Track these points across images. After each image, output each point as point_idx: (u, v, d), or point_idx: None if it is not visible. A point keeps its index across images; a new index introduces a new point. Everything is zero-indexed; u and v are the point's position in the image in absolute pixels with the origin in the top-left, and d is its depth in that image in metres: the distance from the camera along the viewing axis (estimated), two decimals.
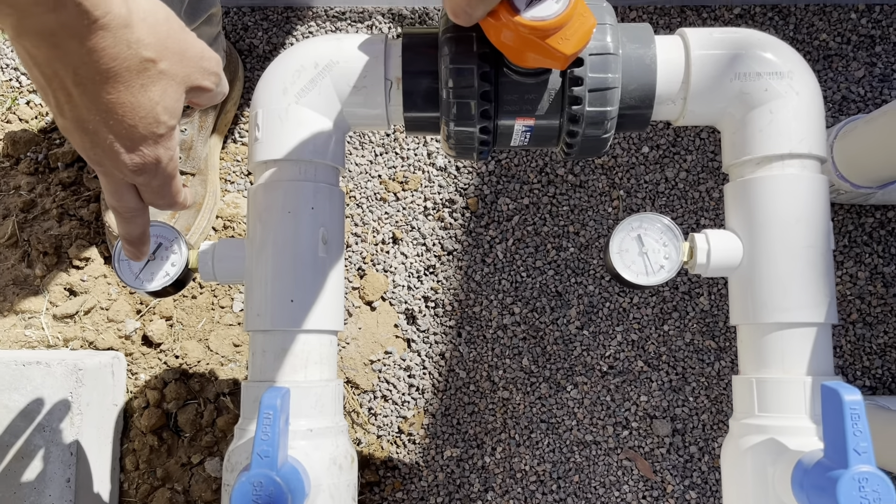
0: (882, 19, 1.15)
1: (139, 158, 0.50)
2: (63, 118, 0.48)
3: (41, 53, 0.44)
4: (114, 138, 0.48)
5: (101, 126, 0.48)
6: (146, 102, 0.48)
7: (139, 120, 0.48)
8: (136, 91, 0.47)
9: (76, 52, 0.44)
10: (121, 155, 0.49)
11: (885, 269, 1.08)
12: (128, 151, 0.49)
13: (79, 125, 0.48)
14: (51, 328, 1.02)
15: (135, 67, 0.46)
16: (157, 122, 0.49)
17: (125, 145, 0.49)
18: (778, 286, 0.61)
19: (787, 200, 0.61)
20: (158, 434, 1.00)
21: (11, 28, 0.43)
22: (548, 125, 0.64)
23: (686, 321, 1.08)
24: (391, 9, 1.17)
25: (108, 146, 0.49)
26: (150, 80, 0.47)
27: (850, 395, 0.52)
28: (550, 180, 1.11)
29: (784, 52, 0.64)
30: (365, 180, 1.12)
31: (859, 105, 1.13)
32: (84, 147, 0.50)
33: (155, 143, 0.50)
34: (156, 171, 0.52)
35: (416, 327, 1.08)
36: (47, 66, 0.45)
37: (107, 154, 0.50)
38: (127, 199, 0.54)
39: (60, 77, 0.45)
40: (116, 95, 0.46)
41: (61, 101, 0.47)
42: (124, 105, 0.47)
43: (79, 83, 0.45)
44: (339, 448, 0.61)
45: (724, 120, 0.65)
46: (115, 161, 0.50)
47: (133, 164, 0.50)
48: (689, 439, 1.06)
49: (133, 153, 0.50)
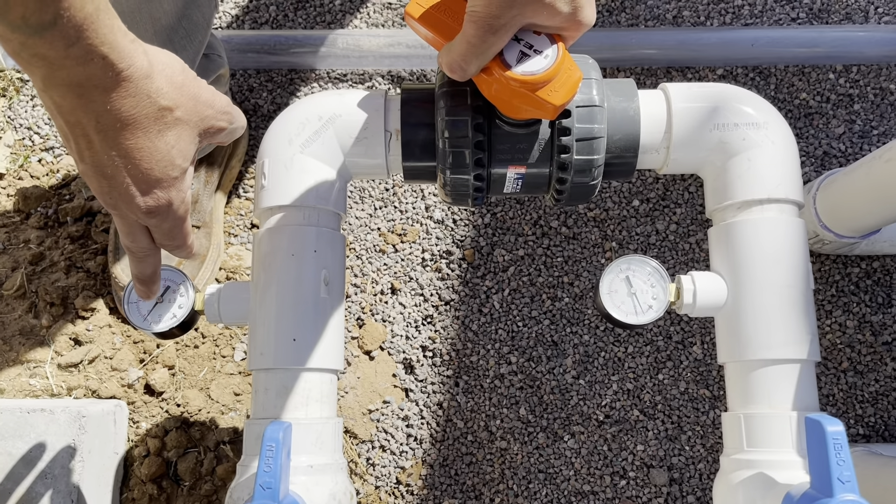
0: (859, 79, 1.20)
1: (153, 201, 0.53)
2: (83, 163, 0.52)
3: (66, 103, 0.48)
4: (130, 181, 0.52)
5: (118, 170, 0.51)
6: (162, 147, 0.51)
7: (155, 164, 0.51)
8: (154, 136, 0.50)
9: (100, 102, 0.47)
10: (136, 198, 0.53)
11: (872, 317, 1.11)
12: (142, 194, 0.53)
13: (98, 170, 0.51)
14: (55, 377, 1.04)
15: (153, 115, 0.50)
16: (171, 165, 0.52)
17: (140, 188, 0.52)
18: (761, 324, 0.63)
19: (767, 242, 0.65)
20: (158, 483, 1.01)
21: (41, 80, 0.47)
22: (538, 173, 0.67)
23: (680, 370, 1.10)
24: (390, 71, 1.23)
25: (124, 189, 0.52)
26: (166, 126, 0.51)
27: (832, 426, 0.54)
28: (545, 232, 1.15)
29: (759, 104, 0.68)
30: (364, 233, 1.15)
31: (840, 160, 1.17)
32: (101, 191, 0.53)
33: (168, 186, 0.53)
34: (167, 213, 0.55)
35: (414, 377, 1.10)
36: (71, 114, 0.48)
37: (122, 197, 0.53)
38: (140, 239, 0.57)
39: (83, 125, 0.49)
40: (135, 141, 0.50)
41: (82, 147, 0.50)
42: (142, 150, 0.50)
43: (100, 130, 0.49)
44: (338, 485, 0.63)
45: (705, 168, 0.69)
46: (130, 203, 0.53)
47: (146, 206, 0.53)
48: (686, 489, 1.06)
49: (147, 196, 0.53)
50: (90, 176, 0.52)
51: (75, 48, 0.44)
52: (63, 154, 1.18)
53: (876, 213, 0.93)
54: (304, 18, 1.26)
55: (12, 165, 1.17)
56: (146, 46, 0.50)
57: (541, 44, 0.58)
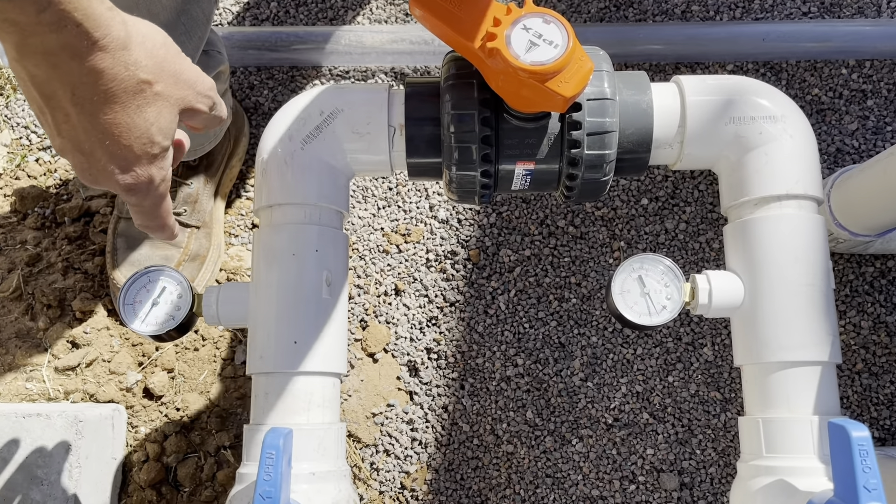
0: (873, 74, 1.18)
1: (132, 179, 0.51)
2: (60, 138, 0.49)
3: (41, 73, 0.46)
4: (108, 158, 0.50)
5: (96, 146, 0.49)
6: (141, 123, 0.49)
7: (134, 140, 0.49)
8: (132, 112, 0.48)
9: (75, 72, 0.45)
10: (115, 174, 0.51)
11: (888, 318, 1.08)
12: (122, 171, 0.51)
13: (75, 145, 0.49)
14: (52, 381, 1.02)
15: (131, 89, 0.48)
16: (151, 142, 0.50)
17: (120, 165, 0.50)
18: (780, 325, 0.61)
19: (786, 240, 0.62)
20: (157, 489, 0.99)
21: (14, 48, 0.45)
22: (548, 169, 0.65)
23: (690, 372, 1.07)
24: (393, 68, 1.20)
25: (102, 166, 0.50)
26: (145, 101, 0.49)
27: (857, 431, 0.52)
28: (551, 232, 1.12)
29: (776, 97, 0.66)
30: (368, 233, 1.13)
31: (854, 157, 1.14)
32: (80, 167, 0.51)
33: (149, 164, 0.51)
34: (147, 192, 0.53)
35: (418, 379, 1.08)
36: (47, 85, 0.46)
37: (101, 173, 0.51)
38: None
39: (58, 97, 0.47)
40: (113, 116, 0.48)
41: (59, 120, 0.48)
42: (120, 125, 0.48)
43: (77, 103, 0.47)
44: (341, 492, 0.61)
45: (720, 163, 0.67)
46: (110, 180, 0.51)
47: (125, 184, 0.51)
48: (697, 493, 1.04)
49: (127, 173, 0.51)
50: (67, 151, 0.50)
51: (47, 13, 0.42)
52: None
53: (893, 211, 0.91)
54: (306, 14, 1.24)
55: (9, 165, 1.15)
56: (125, 16, 0.48)
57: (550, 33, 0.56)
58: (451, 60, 0.64)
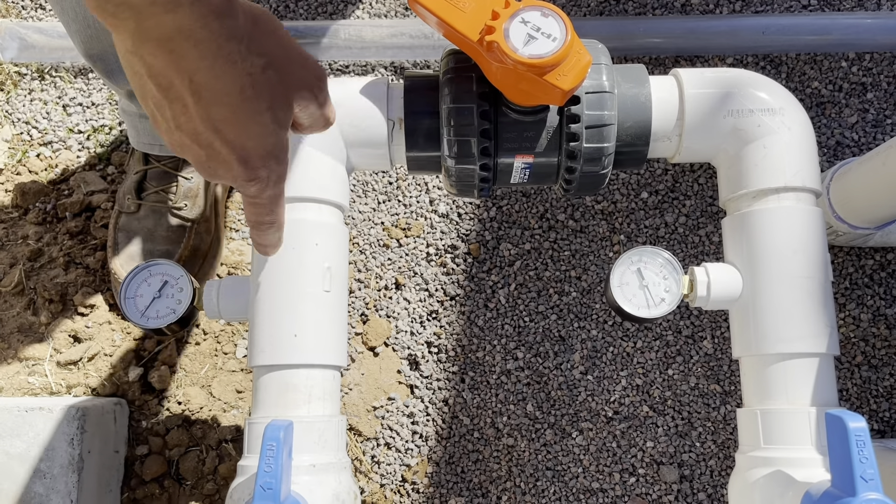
0: (872, 67, 1.18)
1: (252, 169, 0.49)
2: (179, 131, 0.47)
3: (158, 62, 0.43)
4: (228, 149, 0.47)
5: (214, 137, 0.46)
6: (260, 109, 0.46)
7: (253, 127, 0.47)
8: (251, 97, 0.46)
9: (191, 58, 0.43)
10: (235, 165, 0.48)
11: (887, 310, 1.08)
12: (242, 162, 0.48)
13: (194, 138, 0.47)
14: (54, 375, 1.02)
15: (247, 71, 0.45)
16: (267, 129, 0.47)
17: (240, 155, 0.48)
18: (779, 317, 0.61)
19: (784, 232, 0.62)
20: (160, 482, 0.99)
21: (131, 36, 0.42)
22: (546, 162, 0.65)
23: (690, 365, 1.07)
24: (393, 62, 1.21)
25: (222, 158, 0.48)
26: (261, 85, 0.46)
27: (854, 422, 0.52)
28: (551, 226, 1.13)
29: (774, 89, 0.66)
30: (368, 227, 1.13)
31: (853, 150, 1.15)
32: (199, 161, 0.48)
33: (267, 154, 0.48)
34: (268, 182, 0.50)
35: (419, 373, 1.08)
36: (163, 76, 0.44)
37: (221, 165, 0.48)
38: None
39: (176, 87, 0.44)
40: (229, 102, 0.45)
41: (177, 113, 0.46)
42: (237, 113, 0.46)
43: (194, 91, 0.44)
44: (342, 484, 0.61)
45: (719, 156, 0.67)
46: (230, 172, 0.49)
47: (246, 174, 0.49)
48: (697, 486, 1.04)
49: (247, 163, 0.48)
50: (186, 146, 0.48)
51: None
52: (62, 148, 1.16)
53: (892, 204, 0.91)
54: (306, 9, 1.24)
55: (10, 160, 1.15)
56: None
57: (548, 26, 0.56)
58: (449, 54, 0.65)
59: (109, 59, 0.83)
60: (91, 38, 0.80)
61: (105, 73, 0.85)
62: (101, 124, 1.17)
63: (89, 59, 0.83)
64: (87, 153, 1.16)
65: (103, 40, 0.80)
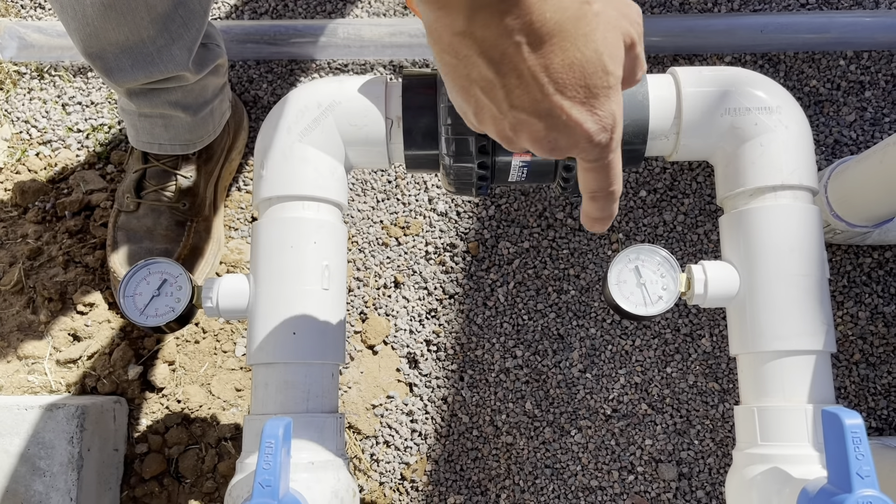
0: (870, 65, 1.18)
1: (598, 123, 0.43)
2: (513, 111, 0.42)
3: (490, 33, 0.39)
4: (569, 109, 0.42)
5: (554, 100, 0.41)
6: (592, 54, 0.41)
7: (590, 76, 0.41)
8: (581, 44, 0.41)
9: (519, 15, 0.39)
10: (580, 125, 0.42)
11: (885, 308, 1.08)
12: (586, 120, 0.42)
13: (532, 109, 0.42)
14: (53, 373, 1.02)
15: (574, 15, 0.40)
16: (605, 72, 0.42)
17: (581, 113, 0.42)
18: (775, 315, 0.61)
19: (781, 230, 0.63)
20: (159, 480, 0.99)
21: (465, 11, 0.39)
22: (544, 161, 0.65)
23: (689, 363, 1.08)
24: (392, 61, 1.21)
25: (563, 122, 0.42)
26: (589, 27, 0.41)
27: (850, 418, 0.52)
28: (550, 224, 1.13)
29: (772, 88, 0.66)
30: (367, 226, 1.13)
31: (852, 148, 1.15)
32: (538, 136, 0.43)
33: (607, 98, 0.42)
34: (612, 137, 0.44)
35: (418, 371, 1.08)
36: (495, 48, 0.40)
37: (564, 131, 0.43)
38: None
39: (510, 56, 0.40)
40: (563, 56, 0.40)
41: (511, 86, 0.41)
42: (574, 64, 0.41)
43: (527, 55, 0.40)
44: (340, 481, 0.61)
45: (716, 154, 0.67)
46: (574, 135, 0.43)
47: (594, 131, 0.43)
48: (695, 483, 1.04)
49: (592, 120, 0.42)
50: (521, 123, 0.43)
51: None
52: (61, 147, 1.16)
53: (890, 202, 0.91)
54: (304, 8, 1.24)
55: (9, 159, 1.15)
56: None
57: None
58: None
59: (108, 58, 0.83)
60: (90, 35, 0.80)
61: (104, 71, 0.85)
62: (100, 123, 1.18)
63: (88, 57, 0.83)
64: (87, 152, 1.16)
65: (102, 38, 0.80)
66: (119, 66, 0.84)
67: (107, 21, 0.78)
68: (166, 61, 0.85)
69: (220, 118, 1.04)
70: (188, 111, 0.95)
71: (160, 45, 0.83)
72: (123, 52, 0.83)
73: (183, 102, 0.94)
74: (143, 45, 0.82)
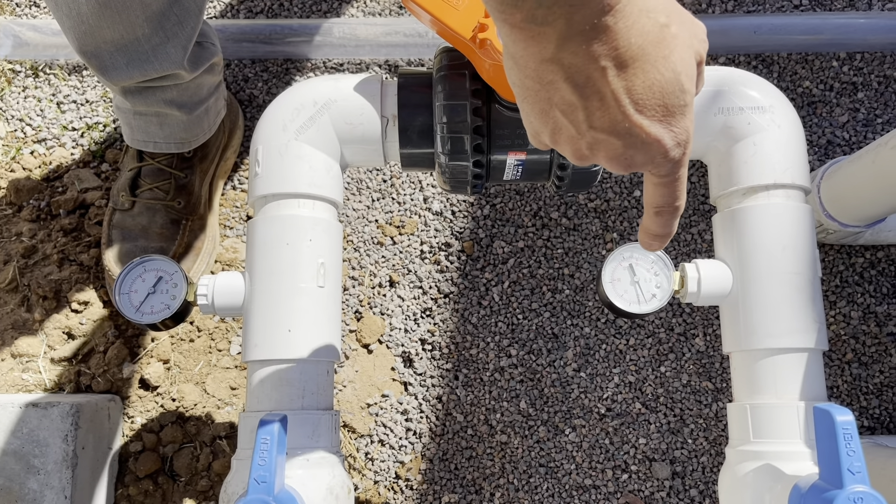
0: (863, 66, 1.18)
1: (676, 140, 0.44)
2: (592, 131, 0.43)
3: (578, 60, 0.40)
4: (648, 128, 0.43)
5: (633, 120, 0.42)
6: (671, 75, 0.42)
7: (667, 95, 0.42)
8: (661, 66, 0.42)
9: (605, 40, 0.40)
10: (659, 142, 0.43)
11: (877, 308, 1.09)
12: (664, 138, 0.43)
13: (612, 129, 0.43)
14: (48, 371, 1.02)
15: (655, 39, 0.41)
16: (682, 91, 0.43)
17: (660, 131, 0.43)
18: (768, 313, 0.62)
19: (774, 229, 0.63)
20: (154, 478, 0.99)
21: (556, 39, 0.40)
22: (539, 159, 0.66)
23: (682, 362, 1.08)
24: (387, 60, 1.21)
25: (642, 140, 0.43)
26: (668, 48, 0.42)
27: (842, 415, 0.53)
28: (545, 224, 1.13)
29: (764, 87, 0.66)
30: (362, 225, 1.14)
31: (844, 149, 1.15)
32: (615, 154, 0.44)
33: (683, 115, 0.44)
34: (685, 153, 0.45)
35: (412, 370, 1.08)
36: (581, 72, 0.41)
37: (641, 148, 0.44)
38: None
39: (595, 80, 0.41)
40: (644, 77, 0.41)
41: (593, 109, 0.42)
42: (653, 86, 0.42)
43: (614, 76, 0.41)
44: (335, 478, 0.61)
45: (709, 153, 0.68)
46: (651, 151, 0.44)
47: (671, 147, 0.44)
48: (689, 482, 1.05)
49: (670, 137, 0.44)
50: (599, 143, 0.44)
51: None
52: (56, 146, 1.16)
53: (882, 202, 0.92)
54: (300, 7, 1.24)
55: (4, 157, 1.15)
56: None
57: None
58: (443, 52, 0.65)
59: (103, 56, 0.83)
60: (85, 34, 0.80)
61: (99, 69, 0.85)
62: (95, 121, 1.18)
63: (83, 55, 0.83)
64: (82, 150, 1.16)
65: (97, 36, 0.80)
66: (114, 64, 0.84)
67: (102, 19, 0.78)
68: (161, 59, 0.85)
69: (216, 117, 1.04)
70: (183, 109, 0.95)
71: (155, 43, 0.83)
72: (118, 50, 0.83)
73: (178, 101, 0.94)
74: (137, 43, 0.83)
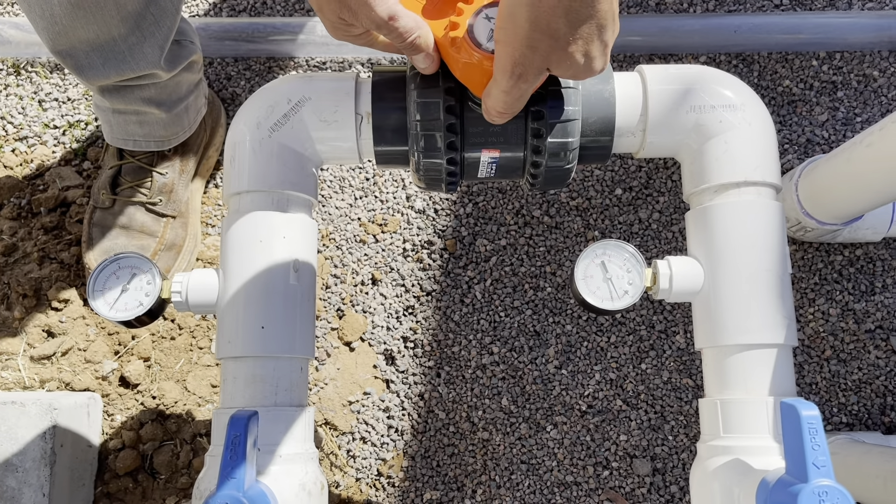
0: (843, 66, 1.19)
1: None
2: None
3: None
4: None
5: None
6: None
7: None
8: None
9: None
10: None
11: (855, 305, 1.10)
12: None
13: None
14: (27, 369, 1.02)
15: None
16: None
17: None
18: (738, 309, 0.62)
19: (744, 226, 0.64)
20: (134, 476, 0.99)
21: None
22: (512, 157, 0.66)
23: (663, 359, 1.09)
24: (370, 59, 1.21)
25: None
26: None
27: (807, 410, 0.53)
28: (527, 222, 1.14)
29: (736, 86, 0.67)
30: (345, 223, 1.14)
31: (824, 147, 1.16)
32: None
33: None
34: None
35: (395, 368, 1.09)
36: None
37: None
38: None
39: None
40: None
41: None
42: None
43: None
44: (308, 474, 0.62)
45: (682, 151, 0.68)
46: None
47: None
48: (669, 479, 1.05)
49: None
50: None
51: None
52: (37, 144, 1.16)
53: (858, 199, 0.92)
54: (283, 5, 1.24)
55: None
56: None
57: None
58: None
59: (78, 55, 0.83)
60: (58, 34, 0.80)
61: (75, 68, 0.85)
62: (76, 119, 1.17)
63: (57, 55, 0.83)
64: (63, 148, 1.16)
65: (71, 36, 0.80)
66: (90, 63, 0.84)
67: (75, 19, 0.78)
68: (138, 59, 0.85)
69: (196, 115, 1.04)
70: (162, 108, 0.95)
71: (131, 43, 0.83)
72: (94, 49, 0.83)
73: (157, 99, 0.94)
74: (113, 43, 0.82)
